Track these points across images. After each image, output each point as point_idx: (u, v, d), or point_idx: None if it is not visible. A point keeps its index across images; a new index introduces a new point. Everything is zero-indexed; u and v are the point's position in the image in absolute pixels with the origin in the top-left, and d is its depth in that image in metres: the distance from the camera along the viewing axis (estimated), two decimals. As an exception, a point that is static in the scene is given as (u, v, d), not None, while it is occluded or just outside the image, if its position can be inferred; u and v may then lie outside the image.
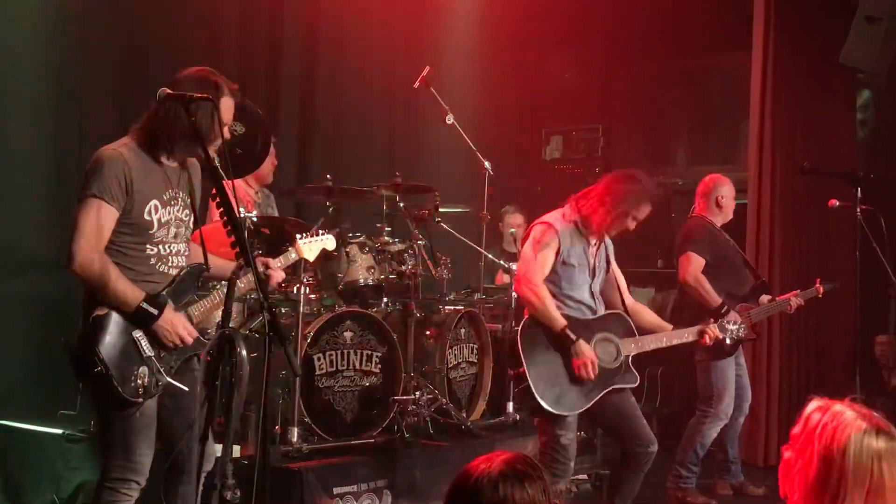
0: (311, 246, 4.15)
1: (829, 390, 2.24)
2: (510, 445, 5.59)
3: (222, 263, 3.85)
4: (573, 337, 4.55)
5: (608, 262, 4.91)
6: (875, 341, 7.18)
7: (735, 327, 5.09)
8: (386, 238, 5.69)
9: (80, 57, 6.05)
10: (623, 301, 4.93)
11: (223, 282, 3.80)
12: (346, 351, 5.19)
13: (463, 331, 5.92)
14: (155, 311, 3.53)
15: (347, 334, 5.21)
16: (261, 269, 3.79)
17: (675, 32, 8.53)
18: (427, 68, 6.30)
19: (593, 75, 9.36)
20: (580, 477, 6.48)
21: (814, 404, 2.20)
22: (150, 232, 3.62)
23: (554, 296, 4.64)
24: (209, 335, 3.76)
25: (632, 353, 4.75)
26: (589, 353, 4.58)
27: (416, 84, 6.31)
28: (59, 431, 5.28)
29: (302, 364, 4.91)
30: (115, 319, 3.50)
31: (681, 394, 7.46)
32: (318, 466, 4.75)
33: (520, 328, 4.62)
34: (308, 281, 5.12)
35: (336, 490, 4.74)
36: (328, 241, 4.26)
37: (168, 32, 6.42)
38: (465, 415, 5.72)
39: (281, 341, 3.06)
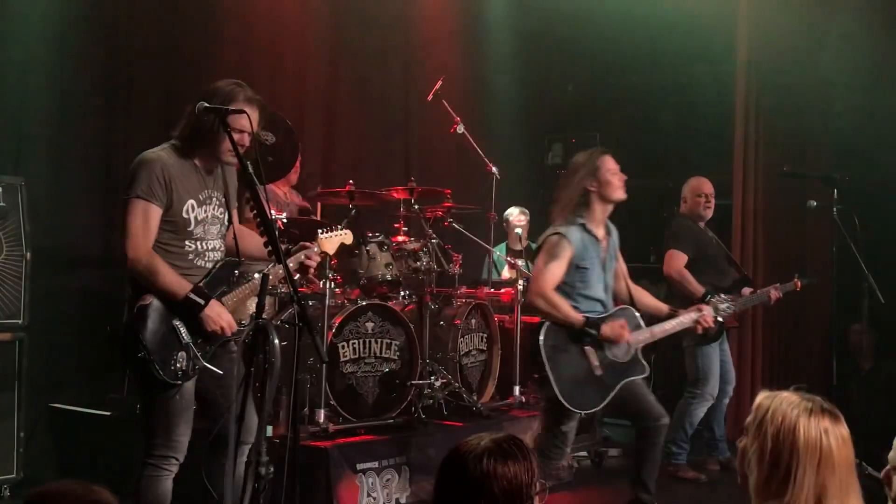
0: (331, 241, 4.14)
1: (807, 375, 2.24)
2: (517, 425, 5.60)
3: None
4: (594, 332, 4.43)
5: (615, 253, 4.79)
6: (851, 329, 7.16)
7: (726, 305, 4.96)
8: (402, 237, 5.69)
9: (126, 71, 6.09)
10: (628, 288, 4.82)
11: (255, 274, 3.82)
12: (367, 340, 5.19)
13: (473, 321, 5.92)
14: (202, 302, 3.55)
15: (369, 325, 5.21)
16: (302, 256, 3.84)
17: (666, 48, 8.52)
18: (440, 82, 6.29)
19: (592, 87, 9.36)
20: (581, 454, 6.49)
21: (762, 394, 2.21)
22: (189, 229, 3.64)
23: (569, 296, 4.50)
24: (244, 324, 3.78)
25: (640, 345, 4.62)
26: (616, 324, 4.48)
27: (430, 96, 6.31)
28: (108, 413, 5.31)
29: (328, 352, 4.92)
30: (156, 309, 3.52)
31: (672, 378, 7.45)
32: (343, 445, 4.76)
33: (542, 334, 4.45)
34: (333, 276, 5.13)
35: (359, 466, 4.75)
36: (346, 236, 4.24)
37: (205, 49, 6.45)
38: (475, 397, 5.72)
39: (309, 331, 3.07)
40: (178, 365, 3.53)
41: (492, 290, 6.39)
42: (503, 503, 2.00)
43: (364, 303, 5.26)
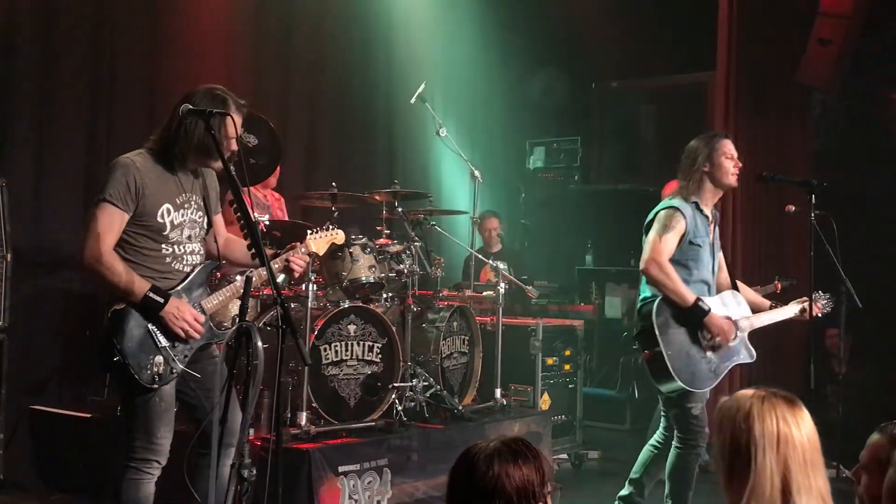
0: (320, 241, 4.13)
1: (785, 379, 2.27)
2: (498, 428, 5.62)
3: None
4: (706, 308, 4.37)
5: (719, 242, 4.74)
6: (826, 333, 7.22)
7: (826, 301, 4.89)
8: (385, 239, 5.70)
9: (109, 73, 6.07)
10: (732, 278, 4.76)
11: (238, 276, 3.81)
12: (349, 342, 5.19)
13: (455, 323, 5.93)
14: (161, 300, 3.52)
15: (351, 327, 5.21)
16: (285, 256, 3.83)
17: (647, 54, 8.57)
18: (423, 85, 6.29)
19: (573, 93, 9.40)
20: (561, 456, 6.52)
21: (724, 398, 2.24)
22: (164, 233, 3.63)
23: (682, 275, 4.43)
24: (225, 327, 3.77)
25: (746, 331, 4.58)
26: (723, 319, 4.41)
27: (413, 100, 6.31)
28: (89, 415, 5.28)
29: (310, 354, 4.91)
30: (132, 313, 3.50)
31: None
32: (325, 447, 4.75)
33: (654, 309, 4.39)
34: (316, 279, 5.13)
35: (341, 468, 4.74)
36: (338, 237, 4.22)
37: (189, 54, 6.44)
38: (456, 400, 5.73)
39: (292, 333, 3.07)
40: (155, 369, 3.52)
41: (474, 292, 6.41)
42: (516, 502, 2.02)
43: (346, 305, 5.26)
